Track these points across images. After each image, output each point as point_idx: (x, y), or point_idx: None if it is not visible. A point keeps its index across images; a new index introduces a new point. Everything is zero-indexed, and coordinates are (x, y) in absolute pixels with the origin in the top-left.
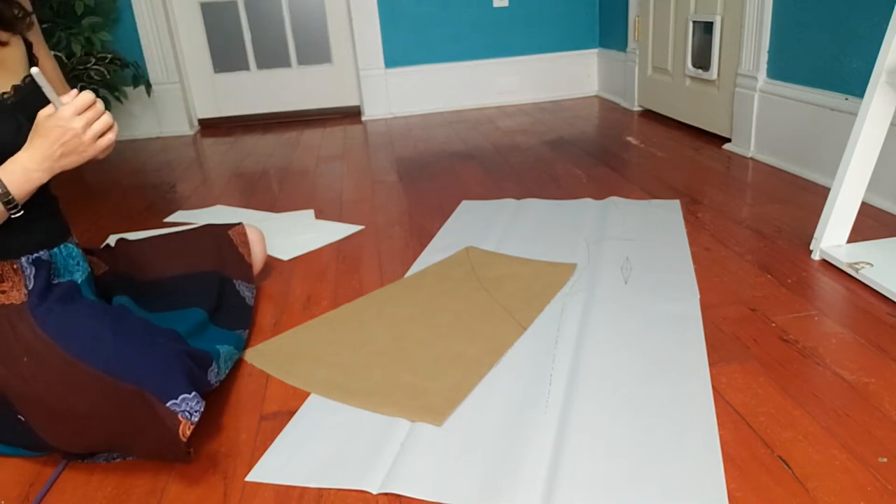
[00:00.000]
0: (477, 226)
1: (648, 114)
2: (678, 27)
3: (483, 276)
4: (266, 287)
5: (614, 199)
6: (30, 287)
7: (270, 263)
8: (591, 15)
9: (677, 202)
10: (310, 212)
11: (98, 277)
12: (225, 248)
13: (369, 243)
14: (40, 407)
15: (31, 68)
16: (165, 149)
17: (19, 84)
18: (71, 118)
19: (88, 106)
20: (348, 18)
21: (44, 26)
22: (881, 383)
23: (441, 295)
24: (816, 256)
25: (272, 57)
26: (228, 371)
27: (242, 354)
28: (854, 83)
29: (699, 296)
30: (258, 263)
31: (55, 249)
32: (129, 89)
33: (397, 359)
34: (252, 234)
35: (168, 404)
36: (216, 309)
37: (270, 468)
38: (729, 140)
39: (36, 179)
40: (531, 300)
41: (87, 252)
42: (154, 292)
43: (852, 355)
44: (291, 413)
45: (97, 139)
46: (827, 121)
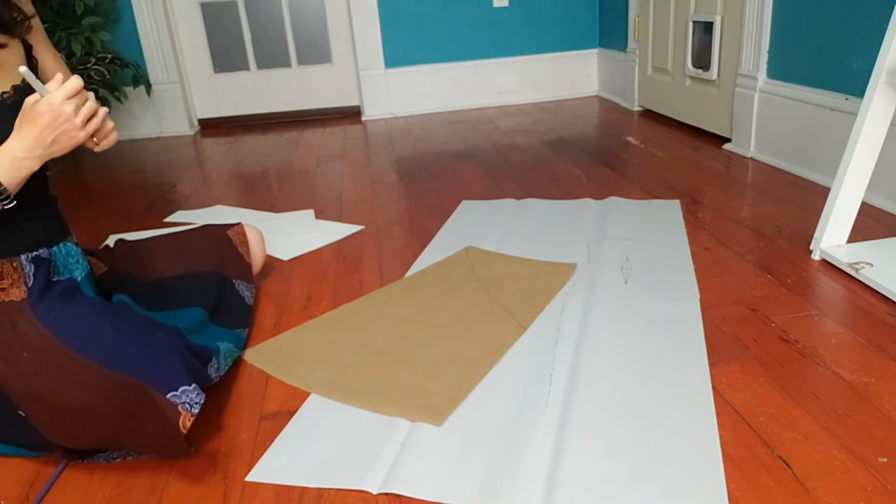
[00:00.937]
0: (477, 226)
1: (648, 114)
2: (678, 27)
3: (483, 276)
4: (266, 287)
5: (614, 199)
6: (29, 284)
7: (270, 263)
8: (591, 15)
9: (677, 202)
10: (310, 212)
11: (97, 278)
12: (224, 248)
13: (369, 243)
14: (41, 403)
15: (20, 67)
16: (165, 149)
17: (18, 84)
18: (62, 103)
19: (77, 91)
20: (348, 18)
21: (44, 26)
22: (881, 383)
23: (441, 295)
24: (816, 256)
25: (272, 57)
26: (228, 368)
27: (242, 354)
28: (854, 83)
29: (699, 296)
30: (257, 263)
31: (54, 248)
32: (129, 89)
33: (397, 359)
34: (251, 234)
35: (168, 396)
36: (216, 309)
37: (270, 468)
38: (729, 140)
39: (27, 167)
40: (531, 300)
41: (87, 252)
42: (154, 292)
43: (852, 355)
44: (291, 413)
45: (86, 124)
46: (827, 121)
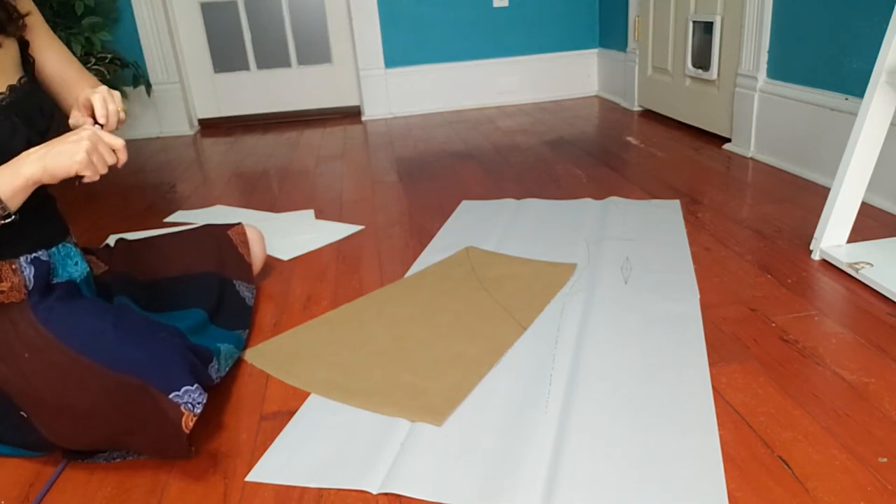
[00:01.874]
0: (477, 226)
1: (648, 114)
2: (678, 27)
3: (483, 276)
4: (266, 287)
5: (614, 199)
6: (30, 287)
7: (270, 263)
8: (591, 15)
9: (677, 202)
10: (310, 212)
11: (98, 277)
12: (224, 249)
13: (369, 243)
14: (42, 403)
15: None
16: (165, 149)
17: (14, 84)
18: (88, 136)
19: (112, 147)
20: (348, 18)
21: None
22: (881, 383)
23: (441, 295)
24: (816, 256)
25: (272, 57)
26: (228, 369)
27: (242, 354)
28: (854, 83)
29: (699, 296)
30: (258, 263)
31: (53, 249)
32: (129, 89)
33: (397, 359)
34: (251, 234)
35: (171, 396)
36: (216, 310)
37: (270, 468)
38: (729, 140)
39: (21, 171)
40: (531, 300)
41: (87, 252)
42: (154, 293)
43: (852, 355)
44: (291, 413)
45: (91, 156)
46: (827, 121)
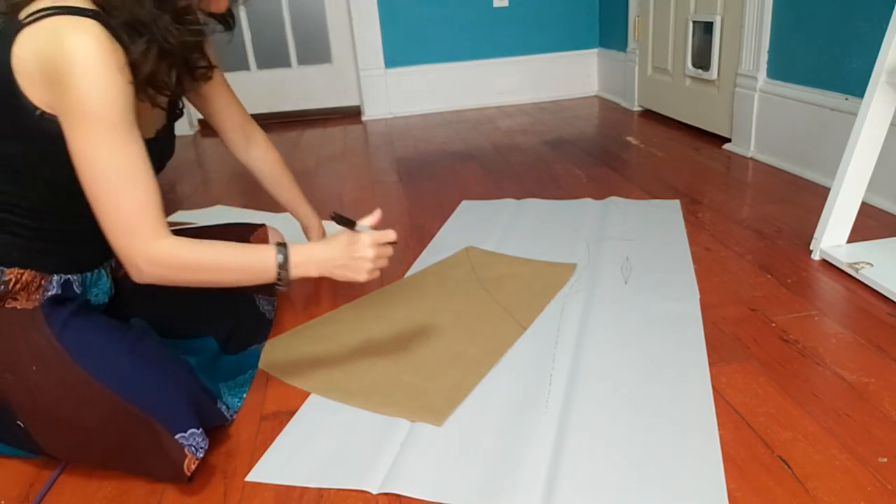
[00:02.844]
0: (477, 226)
1: (648, 114)
2: (678, 27)
3: (483, 276)
4: None
5: (614, 199)
6: (46, 296)
7: None
8: (591, 15)
9: (677, 202)
10: None
11: (118, 278)
12: None
13: None
14: (44, 419)
15: (359, 223)
16: None
17: (160, 129)
18: (369, 245)
19: (386, 242)
20: (348, 18)
21: None
22: (881, 383)
23: (441, 295)
24: (816, 256)
25: (272, 57)
26: (241, 405)
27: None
28: (854, 83)
29: (699, 296)
30: None
31: (87, 273)
32: None
33: (397, 359)
34: (275, 239)
35: (176, 437)
36: (230, 335)
37: (270, 468)
38: (729, 140)
39: (310, 271)
40: (531, 300)
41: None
42: (167, 311)
43: (852, 355)
44: (291, 413)
45: (373, 271)
46: (827, 121)
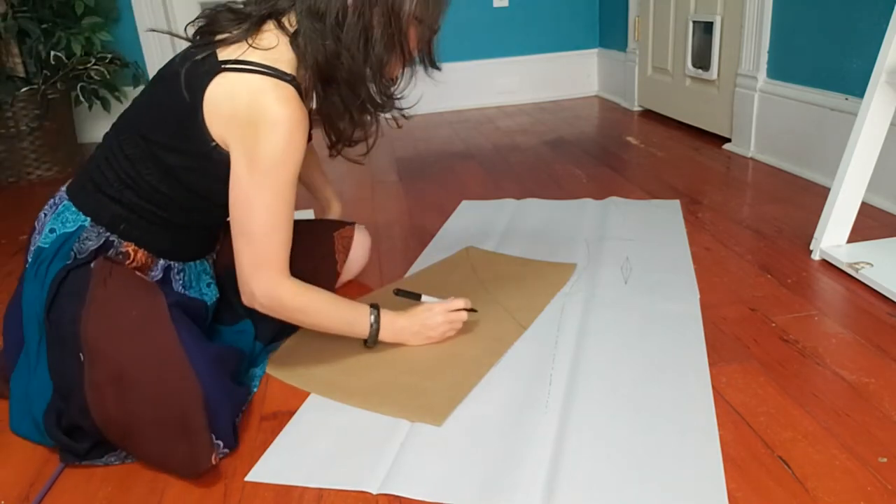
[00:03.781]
0: (477, 226)
1: (648, 114)
2: (678, 27)
3: (483, 276)
4: None
5: (614, 199)
6: (157, 277)
7: None
8: (591, 15)
9: (677, 202)
10: (309, 212)
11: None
12: (318, 255)
13: None
14: (111, 361)
15: (424, 297)
16: None
17: None
18: (439, 313)
19: (458, 309)
20: None
21: (43, 26)
22: (881, 383)
23: (441, 295)
24: (816, 256)
25: None
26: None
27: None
28: (854, 83)
29: (699, 296)
30: (354, 269)
31: (190, 262)
32: (129, 89)
33: (397, 359)
34: (358, 238)
35: (214, 437)
36: (264, 318)
37: (270, 468)
38: (729, 140)
39: (388, 336)
40: (531, 300)
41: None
42: (226, 295)
43: (852, 355)
44: (291, 413)
45: (443, 337)
46: (827, 121)
